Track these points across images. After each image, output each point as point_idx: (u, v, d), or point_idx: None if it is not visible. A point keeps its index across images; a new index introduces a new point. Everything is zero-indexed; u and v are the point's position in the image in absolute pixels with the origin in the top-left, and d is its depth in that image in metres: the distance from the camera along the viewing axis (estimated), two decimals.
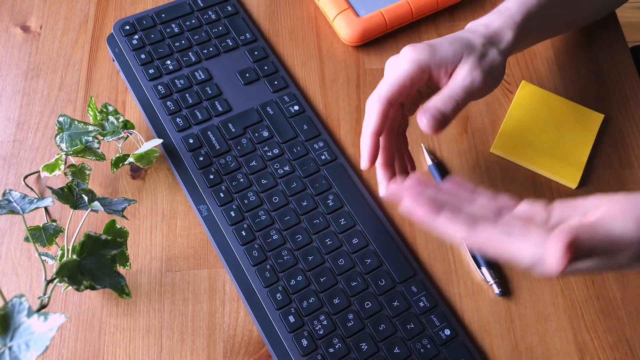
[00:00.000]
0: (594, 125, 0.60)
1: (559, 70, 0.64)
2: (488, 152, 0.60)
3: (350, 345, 0.50)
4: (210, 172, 0.56)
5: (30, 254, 0.54)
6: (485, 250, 0.38)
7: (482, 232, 0.38)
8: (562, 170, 0.58)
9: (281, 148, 0.58)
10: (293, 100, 0.60)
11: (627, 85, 0.64)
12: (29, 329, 0.38)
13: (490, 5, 0.68)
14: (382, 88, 0.46)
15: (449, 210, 0.38)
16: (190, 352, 0.51)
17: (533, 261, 0.37)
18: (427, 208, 0.38)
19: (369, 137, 0.46)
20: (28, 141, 0.59)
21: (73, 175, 0.54)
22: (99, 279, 0.45)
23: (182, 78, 0.61)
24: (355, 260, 0.53)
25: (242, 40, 0.64)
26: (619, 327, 0.52)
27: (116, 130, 0.56)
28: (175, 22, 0.64)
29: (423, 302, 0.51)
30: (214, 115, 0.59)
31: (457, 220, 0.38)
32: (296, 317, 0.50)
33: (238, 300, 0.53)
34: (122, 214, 0.49)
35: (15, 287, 0.53)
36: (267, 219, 0.54)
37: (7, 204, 0.47)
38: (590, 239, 0.35)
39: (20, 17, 0.66)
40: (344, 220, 0.55)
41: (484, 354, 0.51)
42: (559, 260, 0.34)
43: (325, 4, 0.65)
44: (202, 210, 0.55)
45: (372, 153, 0.46)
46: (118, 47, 0.63)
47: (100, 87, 0.62)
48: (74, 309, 0.52)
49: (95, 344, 0.51)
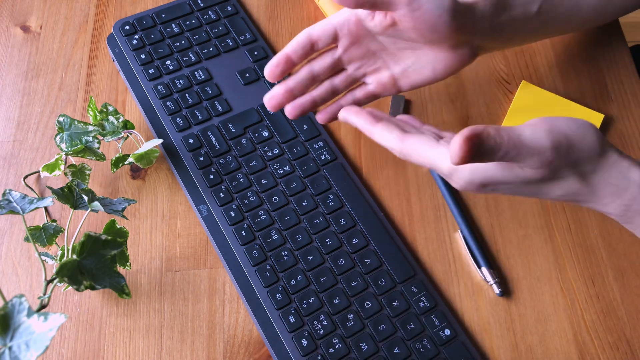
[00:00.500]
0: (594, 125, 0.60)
1: (559, 70, 0.64)
2: None
3: (350, 345, 0.50)
4: (210, 172, 0.56)
5: (30, 254, 0.54)
6: (411, 159, 0.41)
7: (409, 142, 0.41)
8: None
9: (281, 148, 0.58)
10: None
11: (627, 85, 0.64)
12: (29, 329, 0.38)
13: None
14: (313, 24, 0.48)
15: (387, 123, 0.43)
16: (190, 352, 0.51)
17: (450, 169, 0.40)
18: (367, 117, 0.43)
19: (278, 54, 0.48)
20: (28, 141, 0.59)
21: (73, 175, 0.54)
22: (99, 279, 0.45)
23: (182, 78, 0.61)
24: (355, 260, 0.53)
25: (242, 40, 0.64)
26: (619, 327, 0.52)
27: (116, 130, 0.56)
28: (175, 22, 0.64)
29: (423, 302, 0.51)
30: (214, 115, 0.59)
31: (391, 130, 0.42)
32: (296, 317, 0.50)
33: (238, 300, 0.53)
34: (122, 214, 0.49)
35: (15, 287, 0.53)
36: (267, 219, 0.54)
37: (7, 204, 0.47)
38: (495, 135, 0.36)
39: (20, 17, 0.66)
40: (344, 220, 0.55)
41: (484, 354, 0.51)
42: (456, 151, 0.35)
43: (325, 4, 0.65)
44: (202, 210, 0.55)
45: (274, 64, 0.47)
46: (118, 47, 0.63)
47: (100, 87, 0.62)
48: (74, 309, 0.52)
49: (95, 344, 0.51)
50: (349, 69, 0.50)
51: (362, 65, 0.50)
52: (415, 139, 0.41)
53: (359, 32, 0.48)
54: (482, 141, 0.36)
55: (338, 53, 0.49)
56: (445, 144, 0.41)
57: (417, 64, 0.49)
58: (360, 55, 0.49)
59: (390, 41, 0.48)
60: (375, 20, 0.47)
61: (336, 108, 0.51)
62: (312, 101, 0.50)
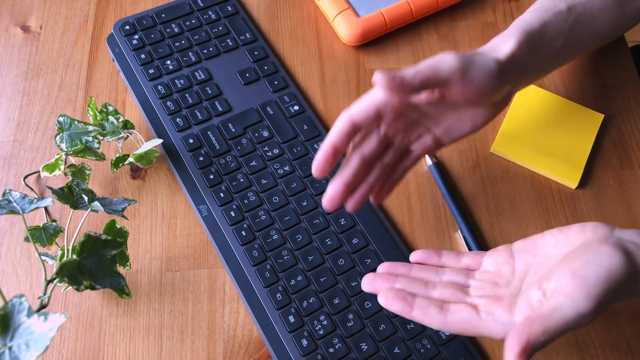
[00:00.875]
0: (594, 125, 0.60)
1: (559, 70, 0.64)
2: (488, 152, 0.60)
3: (350, 345, 0.50)
4: (210, 172, 0.56)
5: (30, 254, 0.54)
6: (461, 334, 0.41)
7: (452, 320, 0.41)
8: (562, 170, 0.58)
9: (281, 148, 0.58)
10: (293, 100, 0.61)
11: (627, 85, 0.64)
12: (29, 329, 0.38)
13: (490, 5, 0.68)
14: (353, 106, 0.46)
15: (421, 301, 0.42)
16: (190, 352, 0.51)
17: (505, 336, 0.40)
18: (401, 303, 0.42)
19: (323, 147, 0.45)
20: (28, 141, 0.59)
21: (73, 175, 0.54)
22: (99, 279, 0.45)
23: (182, 78, 0.61)
24: (355, 260, 0.53)
25: (242, 40, 0.64)
26: (619, 327, 0.52)
27: (116, 130, 0.56)
28: (175, 22, 0.64)
29: None
30: (214, 115, 0.59)
31: (429, 312, 0.42)
32: (296, 317, 0.50)
33: (238, 300, 0.53)
34: (122, 214, 0.49)
35: (15, 287, 0.53)
36: (267, 219, 0.54)
37: (7, 204, 0.47)
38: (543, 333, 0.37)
39: (20, 17, 0.66)
40: (344, 220, 0.55)
41: (484, 354, 0.51)
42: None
43: (325, 4, 0.66)
44: (202, 210, 0.55)
45: (322, 160, 0.45)
46: (118, 47, 0.63)
47: (100, 87, 0.62)
48: (74, 309, 0.52)
49: (95, 344, 0.51)
50: (395, 143, 0.48)
51: (406, 135, 0.48)
52: (457, 318, 0.41)
53: (402, 108, 0.46)
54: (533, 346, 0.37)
55: (383, 131, 0.47)
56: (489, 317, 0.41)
57: (458, 122, 0.48)
58: (404, 127, 0.48)
59: (432, 109, 0.47)
60: (421, 97, 0.45)
61: (390, 184, 0.50)
62: (369, 189, 0.48)
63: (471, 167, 0.59)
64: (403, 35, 0.66)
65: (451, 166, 0.59)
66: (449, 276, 0.46)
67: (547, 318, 0.38)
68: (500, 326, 0.40)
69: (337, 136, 0.45)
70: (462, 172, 0.59)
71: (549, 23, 0.49)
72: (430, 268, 0.47)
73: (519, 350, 0.37)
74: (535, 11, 0.50)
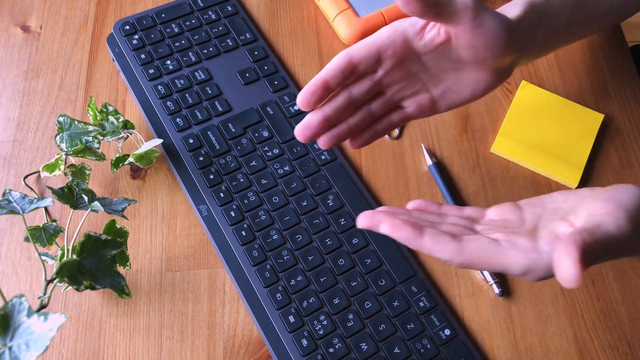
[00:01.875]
0: (594, 125, 0.60)
1: (559, 70, 0.64)
2: (488, 152, 0.60)
3: (350, 345, 0.50)
4: (210, 172, 0.56)
5: (30, 254, 0.54)
6: (475, 265, 0.37)
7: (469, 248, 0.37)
8: (562, 170, 0.58)
9: (281, 148, 0.58)
10: (293, 100, 0.61)
11: (627, 85, 0.64)
12: (29, 329, 0.38)
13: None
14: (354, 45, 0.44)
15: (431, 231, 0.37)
16: (190, 352, 0.51)
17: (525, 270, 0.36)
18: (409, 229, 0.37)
19: (314, 79, 0.43)
20: (28, 141, 0.59)
21: (73, 175, 0.54)
22: (99, 279, 0.45)
23: (182, 78, 0.61)
24: (355, 260, 0.53)
25: (242, 40, 0.64)
26: (619, 327, 0.52)
27: (116, 130, 0.56)
28: (175, 22, 0.64)
29: (423, 302, 0.51)
30: (214, 115, 0.59)
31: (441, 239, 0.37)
32: (296, 317, 0.50)
33: (238, 300, 0.53)
34: (122, 214, 0.49)
35: (15, 287, 0.53)
36: (267, 219, 0.54)
37: (7, 204, 0.47)
38: (594, 244, 0.34)
39: (20, 17, 0.66)
40: (344, 220, 0.55)
41: (484, 354, 0.51)
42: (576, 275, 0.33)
43: (325, 4, 0.66)
44: (202, 210, 0.55)
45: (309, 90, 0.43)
46: (118, 47, 0.63)
47: (100, 87, 0.62)
48: (74, 309, 0.52)
49: (95, 344, 0.51)
50: (388, 93, 0.46)
51: (402, 88, 0.46)
52: (475, 246, 0.36)
53: (404, 54, 0.44)
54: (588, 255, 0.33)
55: (378, 76, 0.45)
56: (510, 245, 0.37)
57: (457, 85, 0.46)
58: (401, 77, 0.46)
59: (434, 61, 0.45)
60: (426, 39, 0.44)
61: (371, 134, 0.48)
62: (348, 130, 0.46)
63: (471, 167, 0.59)
64: None
65: (451, 166, 0.59)
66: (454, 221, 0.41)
67: (593, 231, 0.34)
68: (523, 254, 0.36)
69: (331, 71, 0.43)
70: (462, 172, 0.59)
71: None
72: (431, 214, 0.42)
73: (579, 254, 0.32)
74: None
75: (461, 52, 0.44)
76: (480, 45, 0.43)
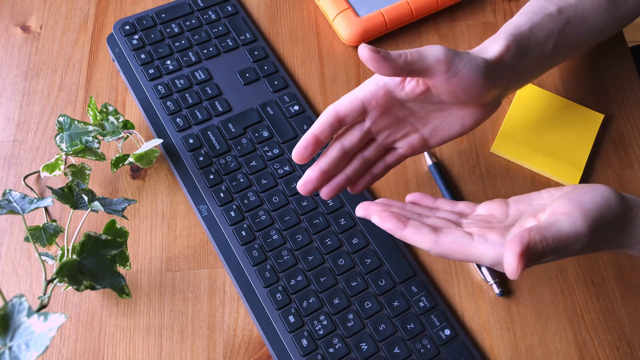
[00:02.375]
0: (594, 125, 0.60)
1: (559, 70, 0.64)
2: (488, 152, 0.60)
3: (350, 345, 0.50)
4: (210, 172, 0.56)
5: (30, 254, 0.54)
6: (450, 255, 0.41)
7: (444, 240, 0.40)
8: (562, 170, 0.58)
9: (281, 148, 0.58)
10: (293, 100, 0.61)
11: (627, 85, 0.64)
12: (29, 329, 0.38)
13: (490, 5, 0.68)
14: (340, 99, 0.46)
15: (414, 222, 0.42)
16: (190, 352, 0.51)
17: (494, 262, 0.40)
18: (394, 221, 0.42)
19: (305, 135, 0.46)
20: (28, 141, 0.59)
21: (73, 175, 0.54)
22: (99, 279, 0.45)
23: (182, 78, 0.61)
24: (355, 260, 0.53)
25: (242, 40, 0.64)
26: (619, 327, 0.52)
27: (116, 130, 0.56)
28: (175, 22, 0.64)
29: (423, 302, 0.51)
30: (214, 115, 0.59)
31: (421, 230, 0.41)
32: (296, 317, 0.50)
33: (238, 300, 0.53)
34: (122, 214, 0.49)
35: (15, 287, 0.53)
36: (267, 219, 0.54)
37: (7, 204, 0.47)
38: (540, 240, 0.37)
39: (20, 17, 0.66)
40: (344, 220, 0.55)
41: (484, 354, 0.51)
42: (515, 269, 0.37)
43: (325, 4, 0.65)
44: (202, 210, 0.55)
45: (302, 147, 0.46)
46: (118, 47, 0.63)
47: (100, 87, 0.62)
48: (74, 309, 0.52)
49: (95, 344, 0.51)
50: (379, 139, 0.49)
51: (392, 132, 0.48)
52: (450, 239, 0.40)
53: (388, 103, 0.46)
54: (532, 251, 0.37)
55: (367, 125, 0.47)
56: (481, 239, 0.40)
57: (445, 122, 0.48)
58: (389, 124, 0.48)
59: (419, 106, 0.47)
60: (406, 90, 0.46)
61: (369, 178, 0.50)
62: (346, 179, 0.49)
63: (471, 167, 0.59)
64: (403, 35, 0.66)
65: (451, 166, 0.59)
66: (443, 215, 0.45)
67: (545, 229, 0.38)
68: (492, 248, 0.39)
69: (320, 127, 0.45)
70: (462, 172, 0.59)
71: (539, 25, 0.49)
72: (425, 208, 0.46)
73: (520, 250, 0.36)
74: (524, 14, 0.50)
75: (443, 97, 0.46)
76: (459, 90, 0.45)
